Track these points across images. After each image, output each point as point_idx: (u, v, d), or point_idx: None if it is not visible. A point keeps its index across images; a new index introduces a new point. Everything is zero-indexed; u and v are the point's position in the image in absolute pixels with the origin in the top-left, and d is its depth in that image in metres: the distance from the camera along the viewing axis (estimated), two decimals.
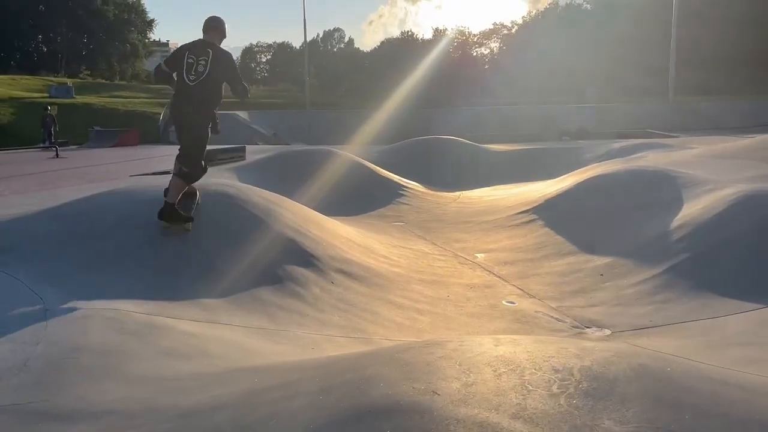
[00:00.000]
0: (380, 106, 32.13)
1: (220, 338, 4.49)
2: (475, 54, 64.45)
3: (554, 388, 2.15)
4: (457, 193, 14.29)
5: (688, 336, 5.21)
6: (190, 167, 6.00)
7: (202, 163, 6.12)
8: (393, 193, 13.21)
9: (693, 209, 7.69)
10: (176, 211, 6.00)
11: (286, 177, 12.49)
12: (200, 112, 5.85)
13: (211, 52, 5.77)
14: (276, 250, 6.40)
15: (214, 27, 5.91)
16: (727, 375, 3.00)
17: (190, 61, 5.73)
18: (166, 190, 6.10)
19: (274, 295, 5.61)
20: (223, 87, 5.99)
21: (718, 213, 7.22)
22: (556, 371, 2.29)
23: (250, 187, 8.19)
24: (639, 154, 15.10)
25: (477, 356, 2.54)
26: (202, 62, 5.72)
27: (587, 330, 5.60)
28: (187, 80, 5.69)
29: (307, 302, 5.66)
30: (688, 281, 6.26)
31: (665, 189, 8.87)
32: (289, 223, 7.13)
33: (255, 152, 17.51)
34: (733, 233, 6.83)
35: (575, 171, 12.33)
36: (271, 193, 8.27)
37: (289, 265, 6.21)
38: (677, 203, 8.20)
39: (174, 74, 5.79)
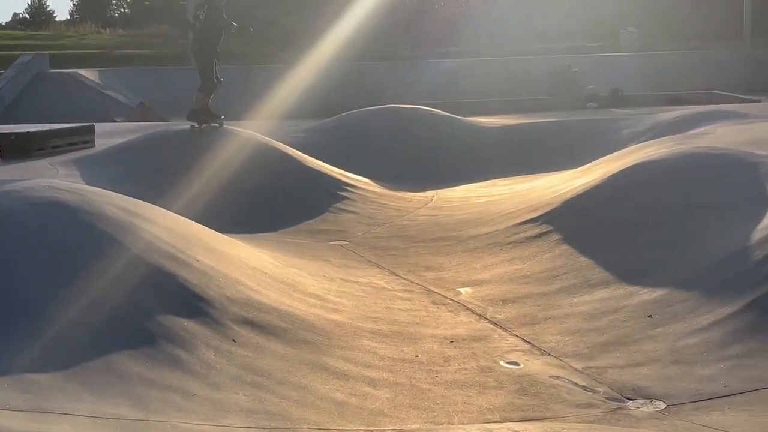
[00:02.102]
0: (307, 58, 32.02)
1: None
2: None
3: None
4: (430, 194, 14.35)
5: None
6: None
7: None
8: (328, 194, 13.16)
9: None
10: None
11: (160, 173, 12.31)
12: None
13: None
14: (142, 291, 6.30)
15: None
16: None
17: None
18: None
19: (141, 363, 5.50)
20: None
21: None
22: None
23: (102, 191, 8.05)
24: (701, 129, 15.44)
25: None
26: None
27: (630, 403, 5.66)
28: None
29: (194, 374, 5.56)
30: None
31: (743, 182, 9.08)
32: (163, 248, 7.03)
33: (110, 134, 17.24)
34: None
35: (606, 157, 12.52)
36: (136, 200, 8.14)
37: (164, 314, 6.10)
38: (760, 204, 8.39)
39: None
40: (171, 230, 7.58)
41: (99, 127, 17.85)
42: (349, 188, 13.64)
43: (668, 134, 15.21)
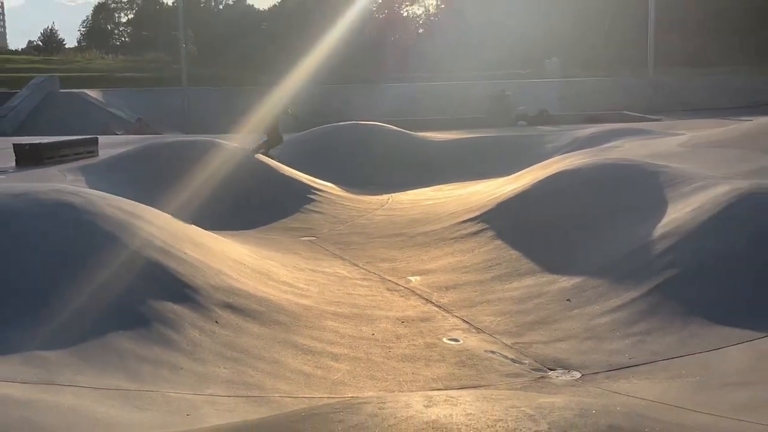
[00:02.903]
0: (282, 81, 31.89)
1: (59, 406, 4.28)
2: (405, 14, 65.17)
3: None
4: (385, 197, 14.35)
5: (676, 375, 5.38)
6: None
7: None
8: (299, 197, 13.11)
9: (680, 213, 8.00)
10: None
11: (154, 179, 12.16)
12: None
13: None
14: (137, 280, 6.23)
15: None
16: (725, 430, 3.08)
17: None
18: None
19: (136, 342, 5.43)
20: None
21: (710, 218, 7.53)
22: None
23: (103, 194, 7.95)
24: (612, 143, 15.62)
25: (401, 423, 2.50)
26: None
27: (551, 373, 5.70)
28: None
29: (182, 350, 5.51)
30: (674, 306, 6.49)
31: (645, 188, 9.18)
32: (156, 243, 6.95)
33: (111, 145, 17.00)
34: (729, 243, 7.13)
35: (534, 166, 12.61)
36: (133, 202, 8.06)
37: (157, 300, 6.03)
38: (660, 206, 8.50)
39: None
40: (163, 228, 7.49)
41: (102, 139, 17.61)
42: (316, 192, 13.60)
43: (585, 148, 15.38)
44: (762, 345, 5.63)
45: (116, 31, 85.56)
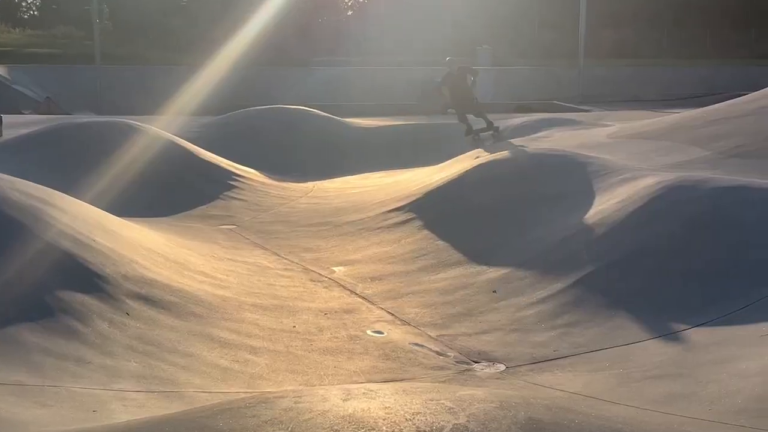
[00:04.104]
0: (205, 62, 31.35)
1: None
2: None
3: None
4: (310, 185, 14.28)
5: (599, 368, 5.53)
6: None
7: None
8: (219, 184, 12.93)
9: (606, 205, 8.21)
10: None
11: (64, 163, 11.85)
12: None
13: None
14: (43, 270, 6.03)
15: None
16: (642, 424, 3.18)
17: None
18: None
19: (39, 334, 5.27)
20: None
21: (636, 210, 7.75)
22: None
23: (8, 177, 7.66)
24: (542, 133, 15.90)
25: (317, 417, 2.49)
26: None
27: (476, 366, 5.78)
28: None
29: (90, 343, 5.37)
30: (599, 297, 6.66)
31: (574, 179, 9.39)
32: (64, 230, 6.75)
33: (17, 125, 16.41)
34: (653, 236, 7.36)
35: (462, 155, 12.74)
36: (40, 186, 7.79)
37: (63, 291, 5.86)
38: (588, 197, 8.71)
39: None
40: (72, 214, 7.28)
41: (6, 118, 16.98)
42: (238, 178, 13.42)
43: (515, 137, 15.60)
44: (682, 338, 5.84)
45: (24, 3, 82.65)
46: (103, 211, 8.46)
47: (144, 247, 7.64)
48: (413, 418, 2.46)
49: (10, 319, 5.30)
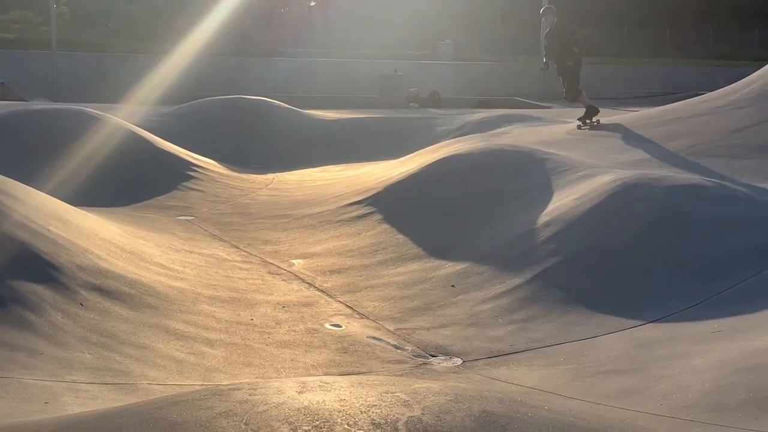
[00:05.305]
0: (166, 50, 31.02)
1: None
2: None
3: None
4: (270, 176, 14.23)
5: (554, 363, 5.61)
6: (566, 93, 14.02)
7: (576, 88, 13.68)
8: (177, 174, 12.80)
9: (564, 201, 8.31)
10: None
11: (16, 150, 11.64)
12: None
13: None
14: None
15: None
16: (594, 418, 3.23)
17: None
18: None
19: None
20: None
21: (593, 207, 7.87)
22: (376, 426, 2.32)
23: None
24: (502, 129, 16.04)
25: (272, 409, 2.49)
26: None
27: (433, 359, 5.83)
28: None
29: (42, 334, 5.29)
30: (556, 293, 6.75)
31: (533, 175, 9.50)
32: (16, 218, 6.64)
33: None
34: (610, 232, 7.48)
35: (423, 150, 12.79)
36: None
37: (14, 280, 5.76)
38: (546, 193, 8.82)
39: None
40: (24, 202, 7.15)
41: None
42: (196, 169, 13.31)
43: (475, 132, 15.73)
44: (636, 334, 5.94)
45: None
46: (57, 200, 8.34)
47: (99, 237, 7.55)
48: (368, 411, 2.47)
49: None
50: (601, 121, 13.98)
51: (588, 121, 13.98)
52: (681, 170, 9.42)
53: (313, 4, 61.11)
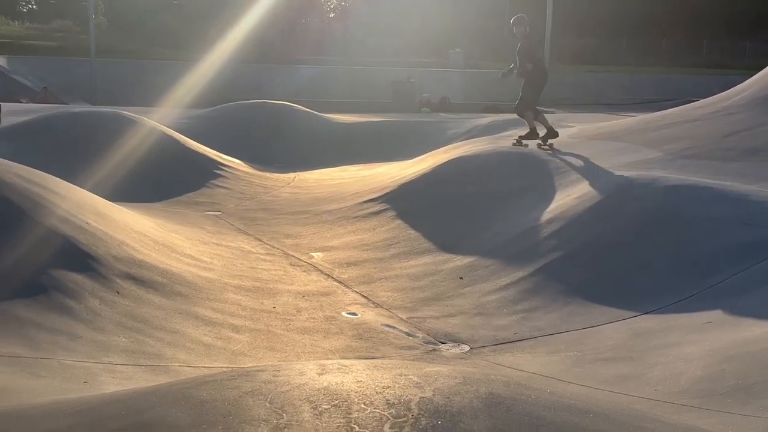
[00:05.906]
0: (197, 58, 31.14)
1: None
2: None
3: (386, 428, 2.19)
4: (292, 175, 14.25)
5: (555, 350, 5.60)
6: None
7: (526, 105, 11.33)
8: (206, 173, 12.86)
9: (566, 200, 8.29)
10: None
11: (59, 149, 11.72)
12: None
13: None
14: (38, 249, 5.98)
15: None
16: (593, 401, 3.23)
17: None
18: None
19: (33, 310, 5.23)
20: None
21: (593, 205, 7.85)
22: (391, 406, 2.33)
23: (5, 161, 7.58)
24: (509, 132, 15.98)
25: (294, 390, 2.51)
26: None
27: (442, 346, 5.83)
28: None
29: (81, 319, 5.34)
30: (558, 285, 6.74)
31: (537, 175, 9.47)
32: (58, 212, 6.70)
33: (15, 113, 16.21)
34: (608, 229, 7.45)
35: (434, 151, 12.78)
36: (35, 170, 7.71)
37: (57, 269, 5.82)
38: (549, 192, 8.79)
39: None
40: (65, 197, 7.21)
41: (5, 106, 16.76)
42: (223, 168, 13.36)
43: (483, 135, 15.69)
44: (632, 324, 5.92)
45: None
46: (96, 196, 8.39)
47: (134, 230, 7.60)
48: (383, 392, 2.49)
49: (6, 295, 5.25)
50: (554, 146, 11.17)
51: (525, 142, 11.42)
52: (676, 172, 9.37)
53: (332, 15, 61.18)
